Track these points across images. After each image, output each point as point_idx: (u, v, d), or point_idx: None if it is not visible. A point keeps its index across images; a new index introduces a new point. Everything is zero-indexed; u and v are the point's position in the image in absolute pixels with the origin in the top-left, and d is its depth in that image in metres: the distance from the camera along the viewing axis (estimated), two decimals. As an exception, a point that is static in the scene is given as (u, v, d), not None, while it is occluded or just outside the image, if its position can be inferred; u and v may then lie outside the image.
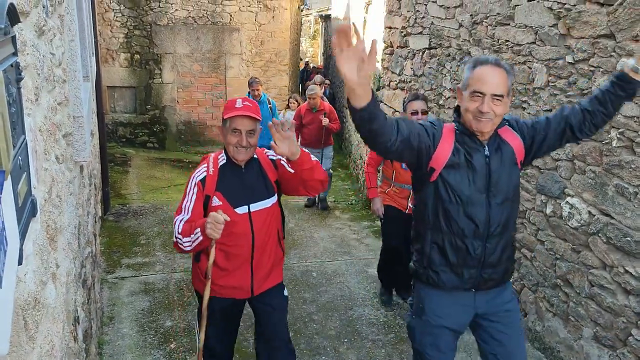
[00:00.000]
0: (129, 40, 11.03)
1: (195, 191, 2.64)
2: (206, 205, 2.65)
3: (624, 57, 3.14)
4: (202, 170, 2.70)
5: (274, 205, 2.80)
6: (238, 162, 2.67)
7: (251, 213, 2.69)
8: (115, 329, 4.24)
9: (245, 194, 2.69)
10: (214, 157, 2.76)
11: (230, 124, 2.59)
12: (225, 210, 2.56)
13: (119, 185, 8.62)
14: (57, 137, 2.04)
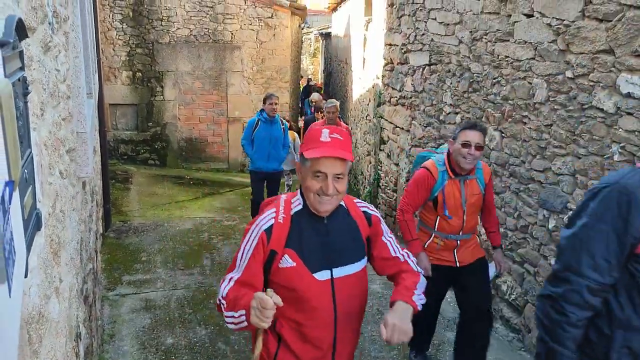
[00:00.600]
0: (131, 58, 11.12)
1: (255, 243, 1.96)
2: (270, 265, 1.98)
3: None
4: (269, 217, 2.00)
5: (364, 270, 2.10)
6: (320, 213, 1.99)
7: (334, 280, 2.00)
8: (116, 347, 4.21)
9: (328, 253, 2.00)
10: (285, 200, 2.08)
11: (312, 164, 1.92)
12: (301, 275, 1.95)
13: (120, 202, 8.62)
14: (61, 153, 2.05)
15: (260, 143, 6.66)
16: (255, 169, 6.79)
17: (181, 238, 6.88)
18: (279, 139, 6.76)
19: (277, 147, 6.73)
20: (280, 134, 6.79)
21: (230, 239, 6.89)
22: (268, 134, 6.66)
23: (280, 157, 6.82)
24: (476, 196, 3.51)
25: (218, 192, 9.80)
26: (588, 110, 3.49)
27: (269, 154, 6.71)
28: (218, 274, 5.73)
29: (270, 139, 6.65)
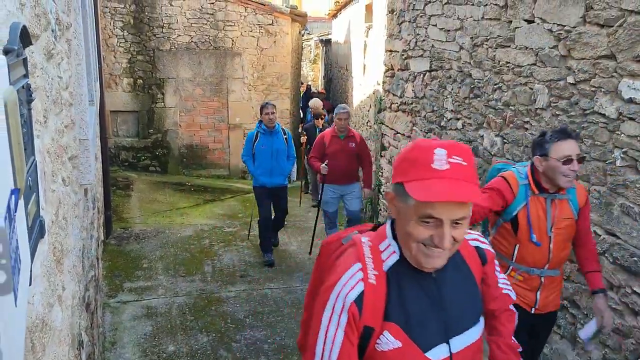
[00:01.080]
0: (132, 65, 11.14)
1: (345, 322, 1.37)
2: (365, 345, 1.40)
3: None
4: (355, 278, 1.40)
5: (481, 336, 1.54)
6: (424, 269, 1.41)
7: (453, 356, 1.44)
8: (118, 354, 4.19)
9: (443, 320, 1.44)
10: (371, 247, 1.47)
11: (419, 205, 1.31)
12: (410, 358, 1.39)
13: (121, 208, 8.62)
14: (64, 160, 2.04)
15: (262, 157, 6.20)
16: (259, 185, 6.31)
17: (182, 245, 6.87)
18: (282, 150, 6.26)
19: (281, 159, 6.27)
20: (282, 145, 6.27)
21: (232, 246, 6.88)
22: (269, 147, 6.19)
23: (285, 171, 6.36)
24: (567, 221, 2.92)
25: (219, 199, 9.79)
26: (590, 116, 3.48)
27: (272, 168, 6.23)
28: (219, 280, 5.72)
29: (272, 152, 6.19)
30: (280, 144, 6.24)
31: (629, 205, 3.18)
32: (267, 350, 4.30)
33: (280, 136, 6.28)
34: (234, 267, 6.15)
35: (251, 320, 4.82)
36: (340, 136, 6.22)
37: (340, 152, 6.17)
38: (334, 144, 6.19)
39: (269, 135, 6.20)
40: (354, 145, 6.19)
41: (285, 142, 6.30)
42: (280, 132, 6.31)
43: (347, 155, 6.20)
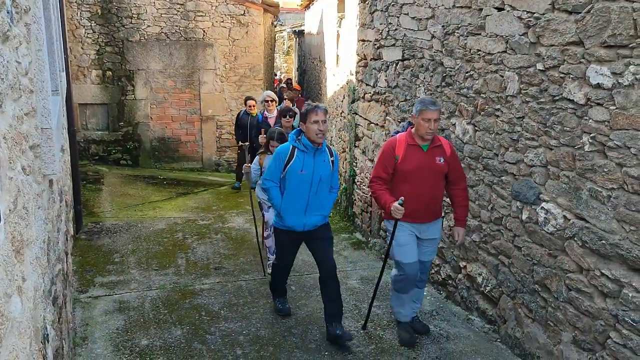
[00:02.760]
0: (100, 56, 10.91)
1: None
2: None
3: (593, 63, 3.20)
4: None
5: None
6: None
7: None
8: (89, 350, 4.11)
9: None
10: None
11: None
12: None
13: (92, 203, 8.45)
14: (24, 148, 1.97)
15: (296, 186, 4.26)
16: (284, 228, 4.38)
17: (155, 238, 6.77)
18: (325, 179, 4.33)
19: (322, 191, 4.36)
20: (327, 171, 4.35)
21: (205, 238, 6.81)
22: (310, 172, 4.24)
23: (326, 207, 4.43)
24: None
25: (192, 192, 9.68)
26: (559, 102, 3.52)
27: (309, 203, 4.29)
28: (193, 273, 5.65)
29: (312, 180, 4.26)
30: (325, 168, 4.33)
31: (597, 189, 3.24)
32: (242, 342, 4.26)
33: (326, 157, 4.37)
34: (208, 259, 6.08)
35: (226, 312, 4.77)
36: (422, 146, 4.09)
37: (422, 171, 4.03)
38: (412, 157, 4.06)
39: (311, 155, 4.24)
40: (443, 161, 4.08)
41: (331, 167, 4.41)
42: (327, 152, 4.39)
43: (433, 176, 4.10)
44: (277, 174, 4.28)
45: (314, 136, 4.14)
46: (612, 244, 3.14)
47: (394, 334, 4.41)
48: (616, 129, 3.06)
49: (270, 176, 4.33)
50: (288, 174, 4.22)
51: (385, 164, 4.16)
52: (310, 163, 4.22)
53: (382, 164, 4.17)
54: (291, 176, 4.22)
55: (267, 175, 4.38)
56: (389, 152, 4.17)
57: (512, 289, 4.14)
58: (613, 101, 3.08)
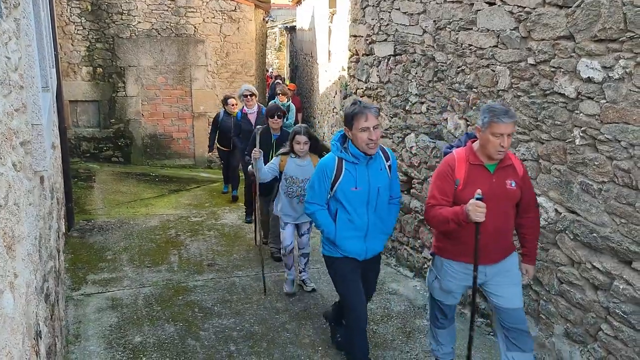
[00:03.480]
0: (90, 53, 10.83)
1: None
2: None
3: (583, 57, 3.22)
4: None
5: None
6: None
7: None
8: (82, 347, 4.09)
9: None
10: None
11: None
12: None
13: (84, 200, 8.40)
14: (14, 144, 1.96)
15: (351, 206, 3.46)
16: (342, 256, 3.55)
17: (147, 235, 6.75)
18: (384, 189, 3.51)
19: (381, 206, 3.54)
20: (384, 180, 3.50)
21: (198, 235, 6.79)
22: (365, 187, 3.42)
23: (389, 226, 3.69)
24: None
25: (185, 189, 9.65)
26: (550, 96, 3.54)
27: (370, 224, 3.50)
28: (186, 270, 5.64)
29: (369, 196, 3.44)
30: (382, 178, 3.49)
31: (588, 182, 3.26)
32: (236, 338, 4.26)
33: (382, 163, 3.52)
34: (201, 256, 6.07)
35: (219, 308, 4.77)
36: (488, 166, 3.14)
37: (489, 200, 2.93)
38: (476, 181, 3.09)
39: (363, 165, 3.41)
40: (515, 185, 3.14)
41: (388, 173, 3.54)
42: (381, 157, 3.53)
43: (503, 206, 3.13)
44: (323, 195, 3.50)
45: (364, 147, 3.31)
46: (603, 236, 3.16)
47: (387, 329, 4.42)
48: (607, 122, 3.08)
49: (315, 198, 3.53)
50: (338, 193, 3.44)
51: (444, 188, 3.16)
52: (364, 176, 3.40)
53: (439, 188, 3.17)
54: (343, 195, 3.43)
55: (310, 197, 3.56)
56: (447, 174, 3.18)
57: (505, 283, 4.16)
58: (603, 95, 3.10)
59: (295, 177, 4.75)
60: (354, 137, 3.33)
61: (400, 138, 5.75)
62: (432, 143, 5.10)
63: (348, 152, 3.41)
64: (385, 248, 6.19)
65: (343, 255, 3.53)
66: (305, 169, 4.71)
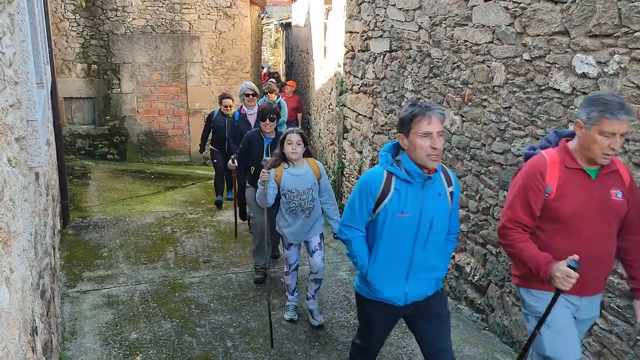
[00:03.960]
0: (85, 50, 10.78)
1: None
2: None
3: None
4: None
5: None
6: None
7: None
8: (78, 344, 4.09)
9: None
10: None
11: None
12: None
13: (79, 198, 8.38)
14: (9, 140, 1.95)
15: (394, 236, 2.74)
16: (375, 300, 2.85)
17: (143, 232, 6.73)
18: (441, 221, 2.77)
19: (434, 242, 2.78)
20: (443, 208, 2.77)
21: (194, 232, 6.79)
22: (416, 214, 2.70)
23: (441, 267, 2.89)
24: None
25: (180, 186, 9.63)
26: (545, 92, 3.55)
27: (414, 262, 2.76)
28: (182, 267, 5.64)
29: (419, 227, 2.72)
30: (440, 206, 2.75)
31: (583, 177, 3.26)
32: (232, 334, 4.27)
33: (441, 188, 2.77)
34: (197, 253, 6.07)
35: (216, 304, 4.77)
36: (589, 171, 2.59)
37: (592, 213, 2.56)
38: (574, 190, 2.58)
39: (418, 187, 2.70)
40: (621, 196, 2.60)
41: (449, 201, 2.79)
42: (441, 179, 2.79)
43: (606, 221, 2.60)
44: (365, 217, 2.78)
45: (424, 158, 2.59)
46: (597, 231, 3.17)
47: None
48: (601, 117, 3.09)
49: (354, 221, 2.81)
50: (381, 217, 2.71)
51: (528, 199, 2.60)
52: (416, 199, 2.67)
53: (522, 199, 2.62)
54: (385, 220, 2.70)
55: (347, 219, 2.83)
56: (534, 181, 2.59)
57: (500, 278, 4.18)
58: (598, 90, 3.11)
59: (295, 190, 4.14)
60: (410, 145, 2.63)
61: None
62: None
63: (401, 167, 2.69)
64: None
65: (377, 299, 2.81)
66: (304, 178, 4.17)
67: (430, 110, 2.60)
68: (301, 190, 4.16)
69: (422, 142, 2.57)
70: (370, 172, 2.85)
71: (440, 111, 2.62)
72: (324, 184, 4.33)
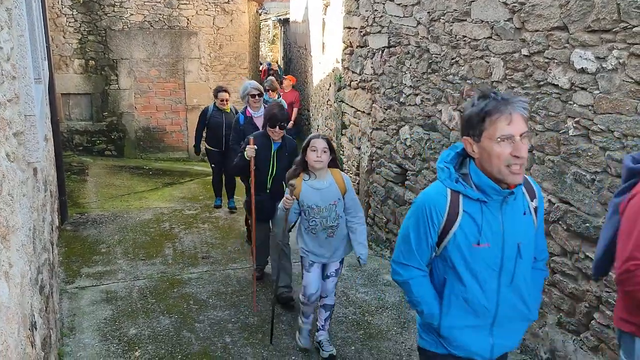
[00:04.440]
0: (83, 46, 10.75)
1: None
2: None
3: (578, 48, 3.23)
4: None
5: None
6: None
7: None
8: (77, 340, 4.09)
9: None
10: None
11: None
12: None
13: (77, 194, 8.36)
14: (8, 134, 1.95)
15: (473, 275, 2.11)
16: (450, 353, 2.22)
17: (142, 228, 6.73)
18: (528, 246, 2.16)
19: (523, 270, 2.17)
20: (529, 230, 2.17)
21: (192, 228, 6.78)
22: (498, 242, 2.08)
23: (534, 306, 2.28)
24: None
25: (178, 182, 9.62)
26: (544, 87, 3.55)
27: (501, 303, 2.14)
28: (181, 262, 5.64)
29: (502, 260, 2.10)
30: (524, 228, 2.16)
31: (581, 173, 3.28)
32: (231, 330, 4.27)
33: (524, 202, 2.18)
34: (195, 249, 6.06)
35: (214, 300, 4.77)
36: None
37: None
38: None
39: (495, 205, 2.08)
40: None
41: (534, 219, 2.20)
42: (523, 195, 2.18)
43: None
44: (425, 252, 2.16)
45: (503, 170, 1.96)
46: (595, 226, 3.18)
47: (382, 320, 4.45)
48: (600, 113, 3.10)
49: (410, 258, 2.18)
50: (450, 251, 2.09)
51: None
52: (495, 223, 2.07)
53: None
54: (458, 254, 2.09)
55: (400, 256, 2.22)
56: None
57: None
58: (597, 85, 3.11)
59: (316, 206, 3.61)
60: (482, 153, 1.98)
61: (395, 130, 5.75)
62: (427, 135, 5.11)
63: (470, 182, 2.06)
64: (380, 240, 6.23)
65: (451, 353, 2.19)
66: (327, 192, 3.63)
67: (510, 104, 1.93)
68: (323, 206, 3.61)
69: (500, 148, 1.92)
70: (427, 192, 2.16)
71: (523, 105, 1.96)
72: (351, 200, 3.72)
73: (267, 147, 4.47)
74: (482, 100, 1.99)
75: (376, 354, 3.97)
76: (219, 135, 7.01)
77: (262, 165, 4.49)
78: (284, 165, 4.40)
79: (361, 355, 3.95)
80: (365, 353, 3.99)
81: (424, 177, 5.18)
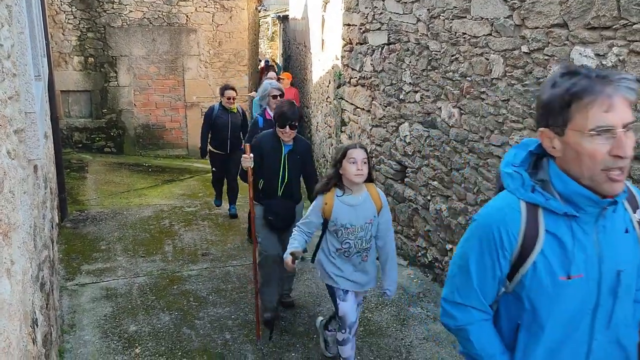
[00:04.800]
0: (82, 43, 10.73)
1: None
2: None
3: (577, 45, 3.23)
4: None
5: None
6: None
7: None
8: (77, 337, 4.10)
9: None
10: None
11: None
12: None
13: (76, 191, 8.37)
14: (8, 132, 1.95)
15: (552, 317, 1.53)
16: None
17: (141, 226, 6.74)
18: (631, 275, 1.56)
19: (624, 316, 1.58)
20: (635, 254, 1.59)
21: (192, 225, 6.79)
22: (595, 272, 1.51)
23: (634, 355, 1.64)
24: None
25: (178, 179, 9.63)
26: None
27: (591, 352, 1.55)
28: (181, 259, 5.64)
29: (599, 297, 1.53)
30: (627, 250, 1.56)
31: (580, 170, 3.27)
32: (231, 326, 4.28)
33: (625, 216, 1.60)
34: (195, 246, 6.07)
35: (214, 297, 4.78)
36: None
37: None
38: None
39: (589, 220, 1.51)
40: None
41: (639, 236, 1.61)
42: (623, 207, 1.58)
43: None
44: (489, 287, 1.63)
45: (598, 175, 1.42)
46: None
47: (381, 316, 4.46)
48: (599, 110, 3.10)
49: (466, 295, 1.66)
50: (528, 287, 1.55)
51: None
52: (589, 244, 1.53)
53: None
54: (539, 291, 1.54)
55: (454, 293, 1.69)
56: None
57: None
58: (596, 82, 3.11)
59: (351, 225, 3.17)
60: (567, 151, 1.47)
61: (394, 127, 5.76)
62: (426, 132, 5.11)
63: (552, 191, 1.53)
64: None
65: None
66: (362, 209, 3.19)
67: (609, 83, 1.39)
68: (358, 225, 3.17)
69: (594, 145, 1.39)
70: (493, 206, 1.62)
71: (627, 84, 1.39)
72: (385, 219, 3.28)
73: (277, 150, 4.00)
74: (567, 78, 1.43)
75: (376, 351, 3.98)
76: (224, 136, 6.64)
77: (271, 172, 4.01)
78: (296, 170, 4.00)
79: (361, 352, 3.96)
80: (365, 350, 4.00)
81: (424, 174, 5.18)
